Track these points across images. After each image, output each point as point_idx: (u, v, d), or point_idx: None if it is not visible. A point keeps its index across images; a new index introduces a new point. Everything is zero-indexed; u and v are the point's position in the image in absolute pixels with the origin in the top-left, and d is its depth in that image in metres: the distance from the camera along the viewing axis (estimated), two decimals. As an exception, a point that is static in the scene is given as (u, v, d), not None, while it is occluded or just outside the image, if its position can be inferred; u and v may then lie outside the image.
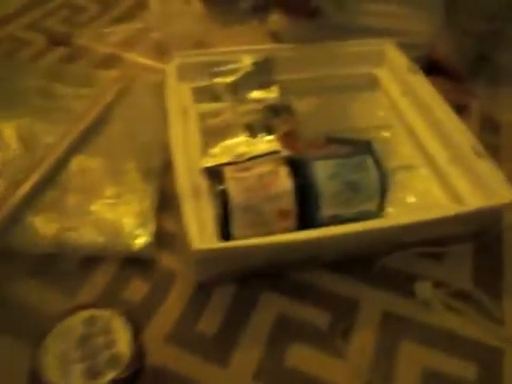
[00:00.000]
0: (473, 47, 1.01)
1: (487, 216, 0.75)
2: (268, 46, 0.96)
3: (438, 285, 0.68)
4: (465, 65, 1.03)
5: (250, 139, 0.76)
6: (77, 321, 0.48)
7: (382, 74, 0.98)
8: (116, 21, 1.21)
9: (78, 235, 0.65)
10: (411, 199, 0.78)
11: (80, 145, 0.77)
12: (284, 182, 0.63)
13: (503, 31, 1.00)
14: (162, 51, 1.04)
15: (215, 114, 0.83)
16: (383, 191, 0.67)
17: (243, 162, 0.71)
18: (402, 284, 0.68)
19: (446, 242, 0.74)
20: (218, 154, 0.75)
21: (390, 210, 0.75)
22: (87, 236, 0.65)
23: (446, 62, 1.02)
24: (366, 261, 0.70)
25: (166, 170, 0.76)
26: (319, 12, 0.90)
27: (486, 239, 0.75)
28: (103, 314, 0.49)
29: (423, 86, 0.89)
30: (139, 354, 0.47)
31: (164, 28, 1.05)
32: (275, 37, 1.18)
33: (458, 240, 0.75)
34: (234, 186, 0.63)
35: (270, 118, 0.81)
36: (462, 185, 0.75)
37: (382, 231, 0.65)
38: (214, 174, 0.67)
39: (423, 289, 0.67)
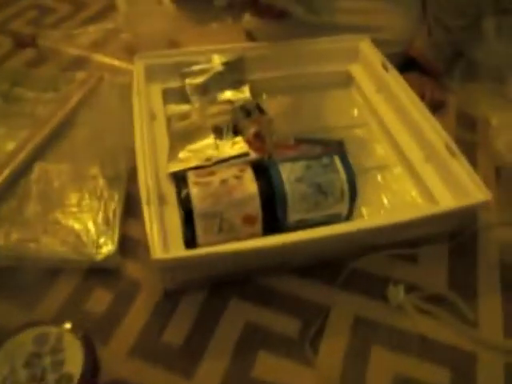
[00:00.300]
0: (448, 43, 1.00)
1: (462, 216, 0.73)
2: (240, 45, 0.93)
3: (411, 288, 0.66)
4: (441, 61, 1.02)
5: (218, 141, 0.74)
6: (27, 339, 0.46)
7: (356, 71, 0.96)
8: (86, 22, 1.18)
9: (39, 246, 0.63)
10: (386, 199, 0.77)
11: (43, 150, 0.74)
12: (249, 186, 0.61)
13: (477, 27, 0.98)
14: (131, 52, 1.02)
15: (184, 116, 0.81)
16: (353, 193, 0.65)
17: (210, 166, 0.69)
18: (375, 288, 0.67)
19: (421, 243, 0.73)
20: (186, 158, 0.72)
21: (364, 210, 0.74)
22: (48, 247, 0.63)
23: (423, 58, 1.01)
24: (337, 264, 0.68)
25: (134, 173, 0.74)
26: (288, 13, 0.88)
27: (461, 239, 0.74)
28: (54, 331, 0.47)
29: (398, 83, 0.87)
30: (92, 371, 0.45)
31: (133, 28, 1.03)
32: (250, 35, 1.16)
33: (433, 241, 0.74)
34: (197, 191, 0.61)
35: (239, 119, 0.79)
36: (437, 184, 0.74)
37: (353, 234, 0.64)
38: (179, 179, 0.65)
39: (395, 293, 0.65)
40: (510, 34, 0.96)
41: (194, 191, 0.61)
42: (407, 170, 0.79)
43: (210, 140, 0.74)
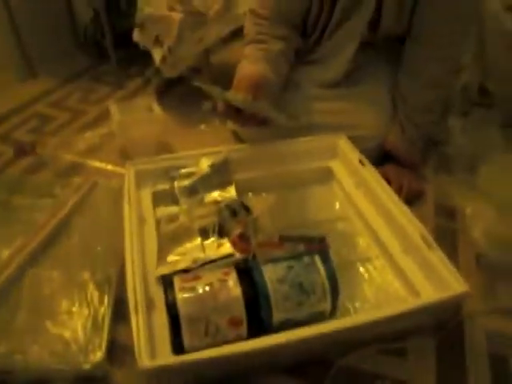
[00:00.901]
0: (420, 137, 1.07)
1: (445, 307, 0.75)
2: (225, 148, 0.99)
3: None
4: (415, 154, 1.08)
5: (204, 243, 0.77)
6: None
7: (336, 167, 1.02)
8: (83, 128, 1.26)
9: (26, 358, 0.63)
10: (370, 292, 0.79)
11: (35, 257, 0.77)
12: (233, 290, 0.64)
13: (445, 122, 1.06)
14: (125, 155, 1.08)
15: (172, 218, 0.85)
16: (334, 291, 0.67)
17: (196, 269, 0.72)
18: (363, 385, 0.67)
19: (408, 336, 0.74)
20: (174, 261, 0.75)
21: (348, 304, 0.76)
22: (36, 358, 0.64)
23: (398, 151, 1.07)
24: (325, 362, 0.69)
25: (124, 276, 0.76)
26: (270, 121, 0.95)
27: (447, 330, 0.75)
28: None
29: (374, 179, 0.93)
30: None
31: (126, 134, 1.10)
32: (237, 135, 1.24)
33: (420, 333, 0.75)
34: (183, 296, 0.63)
35: (225, 219, 0.83)
36: (417, 276, 0.76)
37: (337, 332, 0.65)
38: (166, 284, 0.68)
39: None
40: (473, 129, 1.04)
41: (180, 297, 0.63)
42: (388, 262, 0.82)
43: (196, 242, 0.78)
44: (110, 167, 1.08)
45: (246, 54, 1.05)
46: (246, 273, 0.66)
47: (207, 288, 0.64)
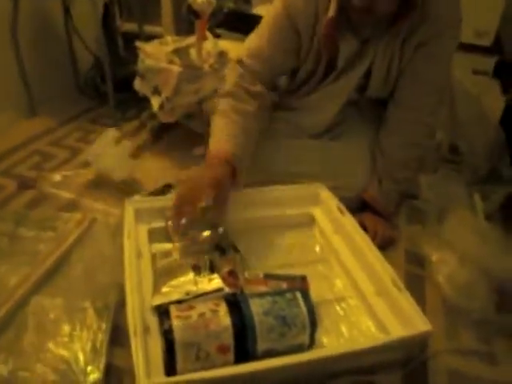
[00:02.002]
0: (395, 190, 1.18)
1: (411, 344, 0.83)
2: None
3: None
4: (390, 204, 1.19)
5: (197, 278, 0.85)
6: None
7: (317, 213, 1.11)
8: (82, 165, 1.35)
9: (32, 375, 0.69)
10: (344, 328, 0.86)
11: (40, 286, 0.84)
12: (223, 320, 0.71)
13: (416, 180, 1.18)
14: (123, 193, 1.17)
15: (167, 254, 0.93)
16: (313, 325, 0.75)
17: (190, 300, 0.79)
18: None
19: (378, 370, 0.82)
20: (168, 293, 0.82)
21: (324, 339, 0.83)
22: (40, 376, 0.69)
23: (374, 202, 1.18)
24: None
25: (122, 305, 0.83)
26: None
27: (412, 366, 0.83)
28: None
29: (352, 225, 1.02)
30: None
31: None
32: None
33: (389, 368, 0.82)
34: (178, 324, 0.70)
35: (216, 258, 0.91)
36: (387, 315, 0.85)
37: (313, 362, 0.72)
38: (162, 312, 0.75)
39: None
40: (441, 186, 1.16)
41: (176, 323, 0.70)
42: (362, 302, 0.90)
43: (189, 276, 0.85)
44: (107, 206, 1.15)
45: (220, 109, 1.07)
46: (235, 305, 0.74)
47: (200, 317, 0.71)
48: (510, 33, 1.99)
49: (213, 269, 0.87)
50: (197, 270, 0.86)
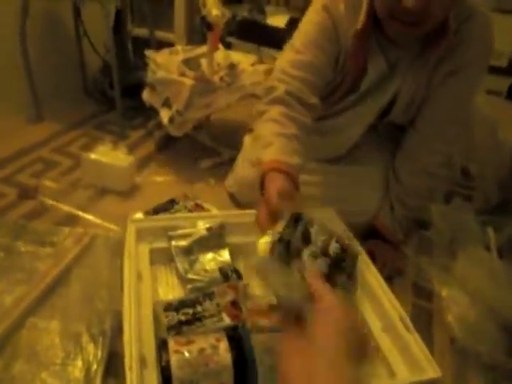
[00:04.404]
0: (406, 218, 1.15)
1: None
2: (221, 213, 1.05)
3: None
4: (400, 233, 1.16)
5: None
6: None
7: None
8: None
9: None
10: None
11: (36, 307, 0.81)
12: (224, 357, 0.68)
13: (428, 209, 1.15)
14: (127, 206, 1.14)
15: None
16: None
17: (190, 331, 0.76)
18: None
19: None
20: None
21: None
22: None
23: (385, 229, 1.15)
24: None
25: (119, 331, 0.80)
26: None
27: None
28: None
29: (360, 256, 0.99)
30: None
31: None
32: (232, 197, 1.31)
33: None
34: (176, 359, 0.67)
35: (218, 283, 0.88)
36: (394, 356, 0.81)
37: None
38: (160, 345, 0.71)
39: None
40: (453, 216, 1.13)
41: (174, 359, 0.67)
42: (369, 339, 0.87)
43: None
44: (107, 220, 1.12)
45: (272, 115, 0.94)
46: (237, 340, 0.71)
47: (200, 353, 0.68)
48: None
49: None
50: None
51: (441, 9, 0.84)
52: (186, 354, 0.68)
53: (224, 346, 0.70)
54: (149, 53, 1.51)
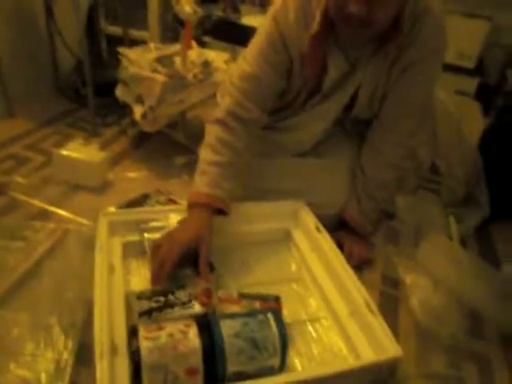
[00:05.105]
0: (373, 210, 1.18)
1: (380, 368, 0.83)
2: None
3: None
4: (368, 224, 1.19)
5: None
6: None
7: (295, 230, 1.11)
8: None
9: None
10: (316, 350, 0.86)
11: (5, 300, 0.81)
12: (193, 341, 0.70)
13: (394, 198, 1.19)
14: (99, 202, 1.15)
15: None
16: (284, 348, 0.74)
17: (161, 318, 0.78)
18: None
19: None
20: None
21: (296, 360, 0.83)
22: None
23: (353, 220, 1.18)
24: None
25: (90, 322, 0.80)
26: None
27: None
28: None
29: (328, 244, 1.02)
30: None
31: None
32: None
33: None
34: (146, 345, 0.68)
35: (191, 274, 0.90)
36: (359, 338, 0.85)
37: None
38: (131, 332, 0.73)
39: None
40: (416, 208, 1.17)
41: (144, 345, 0.68)
42: (335, 323, 0.90)
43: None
44: (80, 215, 1.13)
45: (208, 141, 1.02)
46: (206, 326, 0.73)
47: (169, 338, 0.70)
48: (493, 57, 2.03)
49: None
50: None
51: (385, 15, 0.90)
52: (156, 340, 0.69)
53: (193, 331, 0.72)
54: (122, 50, 1.51)
